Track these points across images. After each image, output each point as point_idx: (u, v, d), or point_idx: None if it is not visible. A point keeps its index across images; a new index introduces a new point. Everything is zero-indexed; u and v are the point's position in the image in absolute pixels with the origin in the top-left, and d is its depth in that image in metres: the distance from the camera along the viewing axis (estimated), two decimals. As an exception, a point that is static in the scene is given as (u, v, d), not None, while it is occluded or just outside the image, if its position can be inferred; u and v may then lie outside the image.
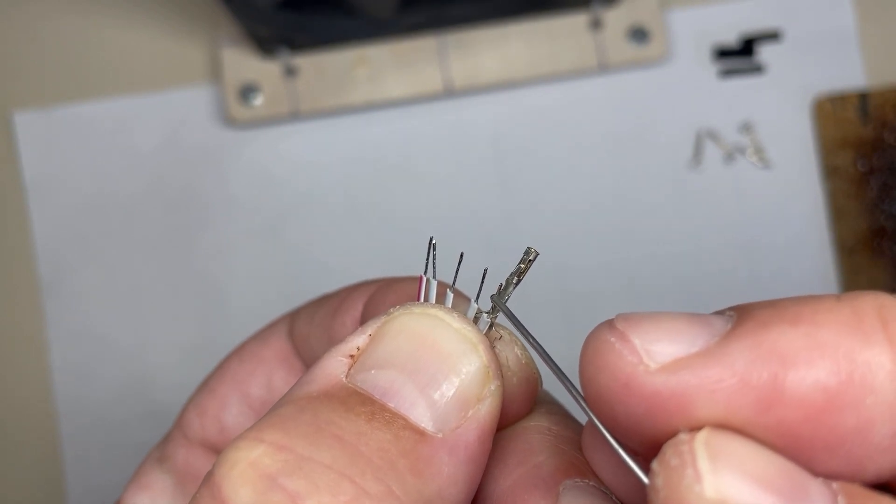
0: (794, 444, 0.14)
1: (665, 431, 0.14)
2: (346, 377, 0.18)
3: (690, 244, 0.51)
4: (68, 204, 0.52)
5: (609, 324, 0.15)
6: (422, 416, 0.17)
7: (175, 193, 0.52)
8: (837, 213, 0.50)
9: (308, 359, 0.26)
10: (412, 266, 0.50)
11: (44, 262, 0.51)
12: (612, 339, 0.15)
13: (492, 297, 0.19)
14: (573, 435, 0.19)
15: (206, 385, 0.27)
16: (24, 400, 0.51)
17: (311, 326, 0.25)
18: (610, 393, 0.15)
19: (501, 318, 0.20)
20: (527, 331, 0.18)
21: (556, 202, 0.51)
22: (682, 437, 0.14)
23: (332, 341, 0.24)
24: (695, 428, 0.14)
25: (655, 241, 0.51)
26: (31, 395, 0.51)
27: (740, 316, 0.15)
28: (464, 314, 0.19)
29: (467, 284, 0.20)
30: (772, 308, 0.14)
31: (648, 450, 0.15)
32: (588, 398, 0.15)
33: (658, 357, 0.14)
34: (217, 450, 0.26)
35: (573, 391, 0.17)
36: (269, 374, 0.26)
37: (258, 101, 0.50)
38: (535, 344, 0.18)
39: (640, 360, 0.14)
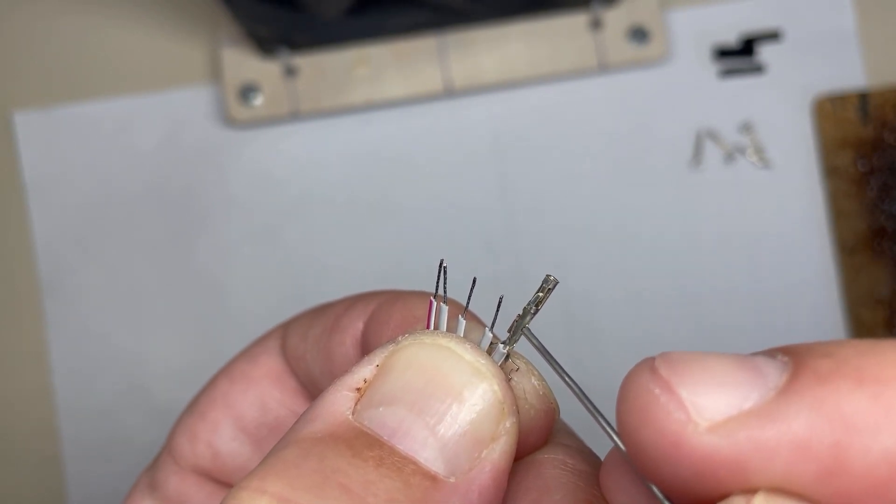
0: None
1: (714, 492, 0.13)
2: (353, 414, 0.17)
3: (690, 244, 0.51)
4: (68, 204, 0.52)
5: (650, 368, 0.14)
6: (433, 459, 0.16)
7: (175, 193, 0.52)
8: (837, 213, 0.50)
9: (303, 377, 0.24)
10: (412, 267, 0.50)
11: (44, 262, 0.51)
12: (657, 391, 0.13)
13: (513, 327, 0.18)
14: (590, 469, 0.18)
15: (194, 407, 0.25)
16: (24, 400, 0.51)
17: (305, 343, 0.24)
18: (654, 451, 0.13)
19: (518, 346, 0.18)
20: (559, 364, 0.17)
21: (556, 202, 0.51)
22: (737, 501, 0.13)
23: (330, 361, 0.23)
24: (747, 490, 0.13)
25: (655, 240, 0.51)
26: (31, 396, 0.51)
27: (796, 367, 0.13)
28: (477, 344, 0.18)
29: (467, 290, 0.19)
30: (830, 358, 0.13)
31: (688, 501, 0.14)
32: (628, 449, 0.14)
33: (708, 413, 0.13)
34: (211, 477, 0.25)
35: (609, 431, 0.16)
36: (262, 394, 0.24)
37: (258, 101, 0.50)
38: (570, 382, 0.17)
39: (689, 416, 0.13)
